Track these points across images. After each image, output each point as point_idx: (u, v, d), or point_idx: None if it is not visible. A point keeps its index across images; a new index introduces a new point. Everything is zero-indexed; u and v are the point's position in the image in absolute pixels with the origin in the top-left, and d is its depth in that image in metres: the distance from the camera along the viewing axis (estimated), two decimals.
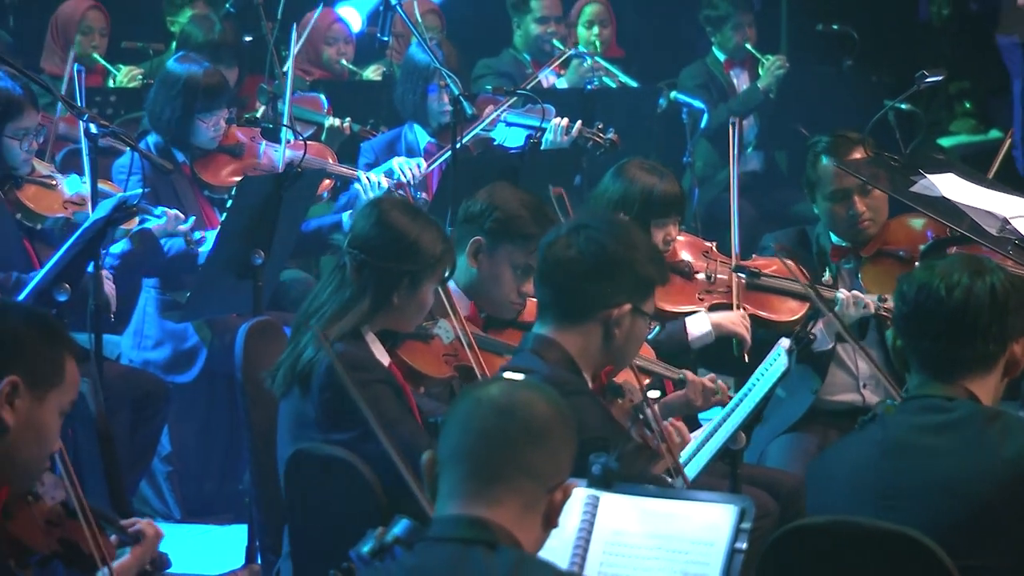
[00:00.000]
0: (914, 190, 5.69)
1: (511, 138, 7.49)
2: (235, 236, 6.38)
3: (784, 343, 4.55)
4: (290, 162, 6.69)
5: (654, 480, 4.26)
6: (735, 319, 5.87)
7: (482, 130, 7.48)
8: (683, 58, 10.22)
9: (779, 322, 5.91)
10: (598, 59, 9.35)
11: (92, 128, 5.96)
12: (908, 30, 11.20)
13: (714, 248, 6.07)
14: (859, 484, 3.81)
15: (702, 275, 5.96)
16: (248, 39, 8.85)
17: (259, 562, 5.48)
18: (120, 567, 3.74)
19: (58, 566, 3.71)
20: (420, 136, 7.57)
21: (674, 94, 9.38)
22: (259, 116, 7.76)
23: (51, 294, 5.77)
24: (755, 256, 6.14)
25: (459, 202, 5.51)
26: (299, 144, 7.01)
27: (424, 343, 5.00)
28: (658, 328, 5.60)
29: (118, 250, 6.46)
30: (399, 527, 3.25)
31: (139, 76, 8.91)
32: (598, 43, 9.85)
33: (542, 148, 7.23)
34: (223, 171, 7.11)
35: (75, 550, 3.65)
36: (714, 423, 4.62)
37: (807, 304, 5.89)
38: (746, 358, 5.83)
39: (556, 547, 3.39)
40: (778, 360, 4.54)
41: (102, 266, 6.03)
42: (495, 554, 2.97)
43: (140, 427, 6.60)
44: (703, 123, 9.31)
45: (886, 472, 3.77)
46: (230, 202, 6.48)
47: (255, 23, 8.71)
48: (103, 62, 9.08)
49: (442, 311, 5.04)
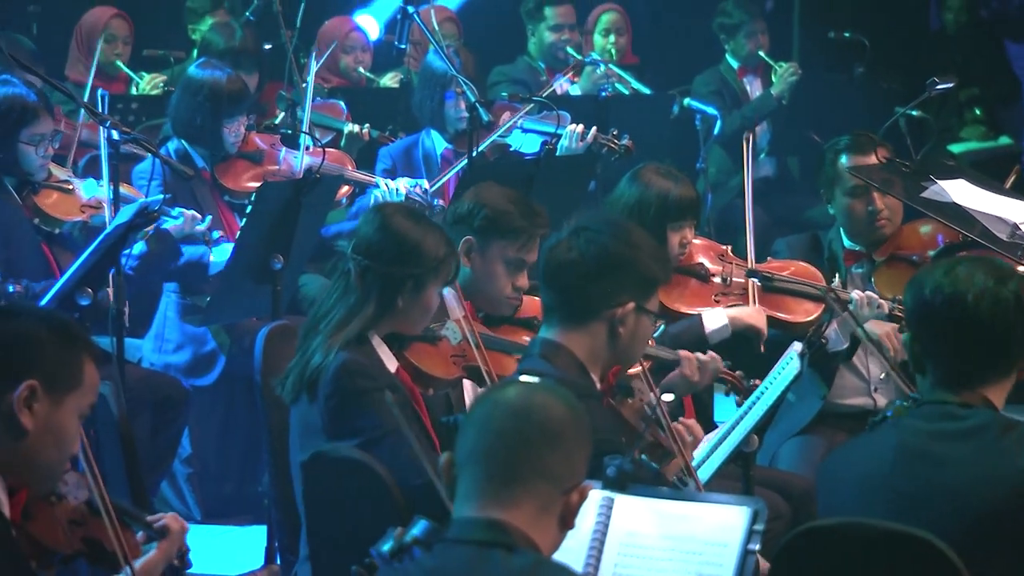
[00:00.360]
0: (925, 195, 5.71)
1: (527, 144, 7.52)
2: (254, 241, 6.40)
3: (796, 347, 4.58)
4: (309, 168, 6.70)
5: (667, 481, 4.27)
6: (751, 312, 5.88)
7: (498, 136, 7.51)
8: (697, 65, 10.27)
9: (794, 324, 5.92)
10: (612, 66, 9.37)
11: (114, 135, 5.98)
12: (919, 38, 11.17)
13: (729, 251, 6.07)
14: (872, 489, 3.79)
15: (718, 278, 5.96)
16: (268, 47, 8.85)
17: (278, 563, 5.51)
18: (148, 562, 3.77)
19: (83, 564, 3.75)
20: (437, 142, 7.60)
21: (687, 101, 9.41)
22: (278, 122, 7.77)
23: (73, 298, 5.80)
24: (770, 259, 6.15)
25: None
26: (318, 151, 7.03)
27: (432, 345, 4.99)
28: (663, 327, 5.60)
29: (137, 251, 6.48)
30: (418, 528, 3.28)
31: (161, 83, 8.93)
32: (614, 51, 9.87)
33: (557, 154, 7.26)
34: (243, 177, 7.14)
35: (99, 548, 3.67)
36: (727, 426, 4.65)
37: (822, 306, 5.92)
38: (762, 348, 5.84)
39: (571, 548, 3.40)
40: (790, 364, 4.57)
41: (123, 269, 6.04)
42: (513, 556, 2.98)
43: (161, 429, 6.63)
44: (716, 129, 9.35)
45: (900, 478, 3.76)
46: (249, 207, 6.49)
47: (274, 31, 8.71)
48: (126, 70, 9.12)
49: (445, 314, 5.03)
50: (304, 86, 7.85)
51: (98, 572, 3.75)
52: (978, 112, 10.48)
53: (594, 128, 7.43)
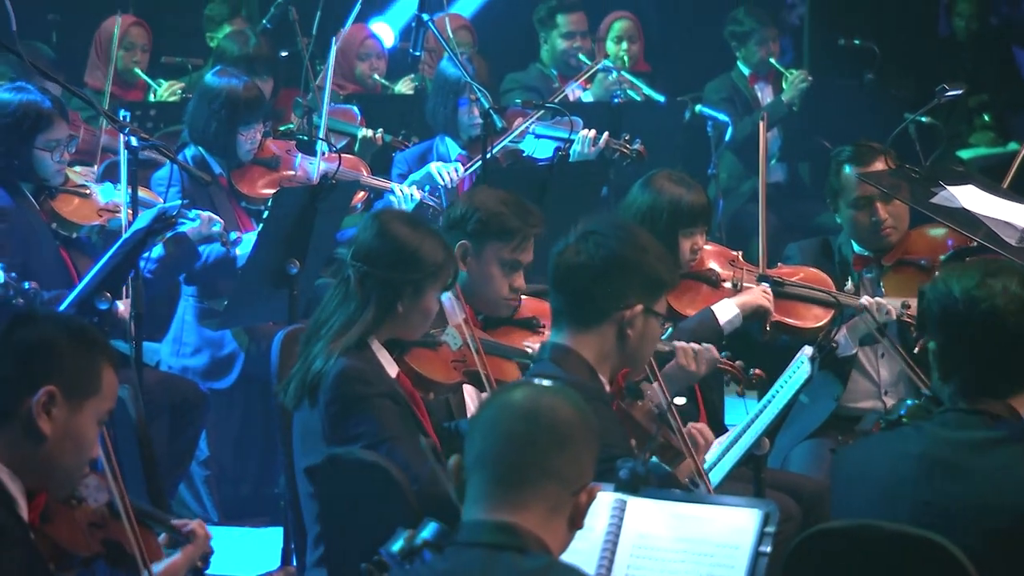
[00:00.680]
0: (934, 201, 5.70)
1: (540, 150, 7.55)
2: (271, 246, 6.43)
3: (807, 351, 4.61)
4: (325, 174, 6.74)
5: (679, 483, 4.29)
6: (756, 294, 5.88)
7: (512, 142, 7.54)
8: (708, 72, 10.32)
9: (804, 328, 5.93)
10: (624, 73, 9.40)
11: (133, 141, 6.00)
12: (928, 45, 11.16)
13: (740, 257, 6.07)
14: (895, 497, 3.78)
15: (728, 283, 5.96)
16: (284, 54, 8.91)
17: (294, 564, 5.51)
18: (171, 565, 3.81)
19: (103, 565, 3.76)
20: (451, 148, 7.64)
21: (699, 107, 9.46)
22: (294, 129, 7.81)
23: (92, 303, 5.83)
24: (780, 265, 6.17)
25: None
26: (333, 156, 7.06)
27: (432, 350, 4.99)
28: (671, 329, 5.59)
29: (155, 255, 6.52)
30: (428, 530, 3.29)
31: (179, 90, 8.98)
32: (626, 58, 9.92)
33: (570, 159, 7.31)
34: (259, 183, 7.18)
35: (119, 550, 3.69)
36: (739, 429, 4.68)
37: (832, 311, 5.95)
38: (767, 328, 5.86)
39: (584, 550, 3.43)
40: (801, 367, 4.60)
41: (142, 273, 6.09)
42: (524, 558, 2.98)
43: (179, 432, 6.66)
44: (728, 136, 9.39)
45: (924, 489, 3.75)
46: (266, 213, 6.53)
47: (291, 38, 8.78)
48: (144, 77, 9.18)
49: (445, 320, 5.05)
50: (320, 92, 7.90)
51: (118, 574, 3.77)
52: (987, 118, 10.49)
53: (606, 133, 7.48)
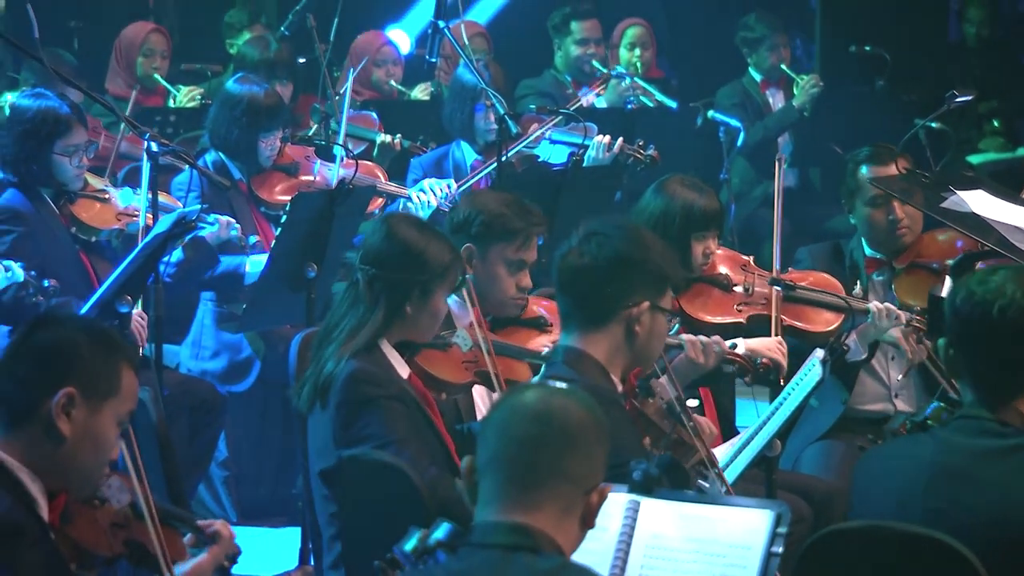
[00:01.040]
0: (945, 206, 5.71)
1: (555, 155, 7.59)
2: (289, 250, 6.48)
3: (819, 354, 4.64)
4: (342, 179, 6.78)
5: (694, 484, 4.33)
6: (771, 345, 5.74)
7: (527, 147, 7.58)
8: (720, 78, 10.37)
9: (815, 333, 5.94)
10: (636, 79, 9.44)
11: (153, 147, 6.05)
12: (938, 51, 11.17)
13: (752, 262, 6.09)
14: (906, 504, 3.78)
15: (740, 287, 5.98)
16: (302, 60, 8.95)
17: (311, 563, 5.51)
18: (197, 566, 3.82)
19: (125, 564, 3.77)
20: (467, 153, 7.68)
21: (711, 113, 9.50)
22: (312, 134, 7.85)
23: (113, 306, 5.88)
24: (791, 269, 6.18)
25: None
26: (350, 162, 7.11)
27: (443, 352, 5.03)
28: (679, 324, 5.61)
29: (175, 259, 6.56)
30: (441, 530, 3.28)
31: (198, 96, 9.02)
32: (639, 64, 9.95)
33: (584, 165, 7.34)
34: (278, 188, 7.23)
35: (141, 551, 3.70)
36: (751, 431, 4.72)
37: (842, 316, 5.97)
38: (781, 382, 5.63)
39: (598, 550, 3.45)
40: (813, 370, 4.64)
41: (161, 277, 6.14)
42: (538, 559, 2.99)
43: (198, 433, 6.71)
44: (739, 141, 9.43)
45: (933, 497, 3.75)
46: (284, 217, 6.56)
47: (309, 45, 8.81)
48: (164, 83, 9.23)
49: (453, 323, 5.10)
50: (338, 98, 7.95)
51: (141, 573, 3.79)
52: (996, 124, 10.51)
53: (620, 139, 7.49)
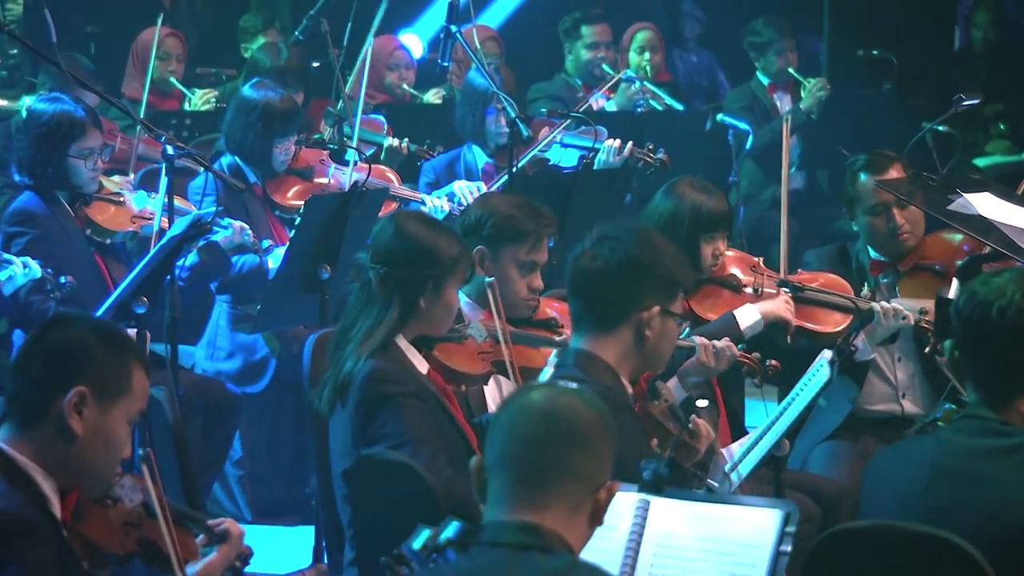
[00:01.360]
0: (951, 208, 5.73)
1: (565, 158, 7.63)
2: (303, 252, 6.51)
3: (826, 354, 4.66)
4: (355, 182, 6.82)
5: (704, 483, 4.39)
6: (779, 304, 5.92)
7: (538, 151, 7.61)
8: (729, 82, 10.41)
9: (823, 333, 5.98)
10: (646, 83, 9.49)
11: (169, 149, 6.09)
12: (945, 55, 11.20)
13: (761, 263, 6.12)
14: (907, 503, 3.82)
15: (749, 289, 6.01)
16: (315, 64, 9.00)
17: (325, 562, 5.59)
18: (208, 565, 3.86)
19: (138, 563, 3.81)
20: (479, 156, 7.73)
21: (720, 116, 9.55)
22: (325, 138, 7.88)
23: (130, 307, 5.91)
24: (800, 271, 6.22)
25: None
26: (363, 166, 7.15)
27: (459, 344, 5.07)
28: (688, 329, 5.65)
29: (188, 263, 6.61)
30: (451, 529, 3.32)
31: (213, 99, 9.09)
32: (649, 68, 10.00)
33: (595, 168, 7.37)
34: (293, 192, 7.28)
35: (154, 550, 3.73)
36: (759, 431, 4.74)
37: (850, 317, 6.00)
38: (789, 340, 5.90)
39: (609, 549, 3.50)
40: (821, 370, 4.66)
41: (177, 279, 6.17)
42: (548, 558, 3.01)
43: (213, 433, 6.76)
44: (748, 144, 9.46)
45: (933, 496, 3.79)
46: (298, 219, 6.61)
47: (323, 49, 8.83)
48: (179, 86, 9.30)
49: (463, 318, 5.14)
50: (351, 102, 8.00)
51: (154, 571, 3.82)
52: (1003, 127, 10.54)
53: (630, 143, 7.52)
